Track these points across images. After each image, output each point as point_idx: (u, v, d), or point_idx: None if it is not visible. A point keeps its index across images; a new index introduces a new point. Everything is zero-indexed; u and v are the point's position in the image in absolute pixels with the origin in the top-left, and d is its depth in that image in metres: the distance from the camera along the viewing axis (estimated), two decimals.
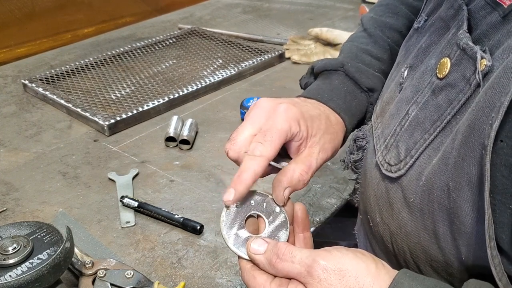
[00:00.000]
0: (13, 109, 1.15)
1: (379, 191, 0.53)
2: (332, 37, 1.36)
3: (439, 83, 0.46)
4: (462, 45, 0.44)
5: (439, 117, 0.45)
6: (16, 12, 1.49)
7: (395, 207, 0.50)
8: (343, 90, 0.62)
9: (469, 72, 0.43)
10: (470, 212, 0.40)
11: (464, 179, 0.40)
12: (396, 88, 0.56)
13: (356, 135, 0.62)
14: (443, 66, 0.46)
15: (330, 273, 0.41)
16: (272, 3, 1.86)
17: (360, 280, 0.41)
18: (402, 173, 0.48)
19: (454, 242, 0.43)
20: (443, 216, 0.43)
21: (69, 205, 0.83)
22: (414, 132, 0.48)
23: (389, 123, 0.54)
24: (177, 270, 0.69)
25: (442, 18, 0.52)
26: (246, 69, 1.27)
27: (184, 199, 0.84)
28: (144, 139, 1.02)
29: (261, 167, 0.47)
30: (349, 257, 0.42)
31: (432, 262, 0.47)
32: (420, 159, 0.47)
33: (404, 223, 0.49)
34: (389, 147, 0.52)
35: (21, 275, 0.53)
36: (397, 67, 0.60)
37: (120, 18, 1.73)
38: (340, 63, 0.64)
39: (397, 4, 0.72)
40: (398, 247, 0.51)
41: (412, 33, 0.59)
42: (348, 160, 0.63)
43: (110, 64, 1.32)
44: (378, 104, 0.60)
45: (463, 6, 0.47)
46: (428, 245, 0.46)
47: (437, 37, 0.51)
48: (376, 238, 0.56)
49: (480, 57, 0.41)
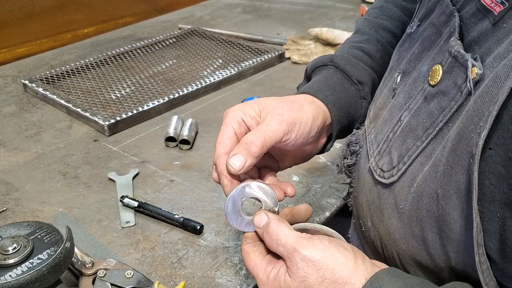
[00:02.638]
0: (13, 109, 1.15)
1: (371, 197, 0.53)
2: (332, 37, 1.36)
3: (431, 90, 0.46)
4: (454, 53, 0.43)
5: (431, 124, 0.45)
6: (16, 12, 1.49)
7: (385, 213, 0.50)
8: (333, 81, 0.61)
9: (460, 80, 0.43)
10: (458, 220, 0.40)
11: (453, 187, 0.40)
12: (389, 93, 0.55)
13: (349, 140, 0.61)
14: (435, 73, 0.46)
15: (308, 263, 0.44)
16: (272, 3, 1.86)
17: (336, 273, 0.43)
18: (395, 179, 0.48)
19: (443, 249, 0.43)
20: (432, 223, 0.43)
21: (69, 205, 0.83)
22: (406, 139, 0.48)
23: (382, 129, 0.53)
24: (177, 270, 0.69)
25: (434, 24, 0.51)
26: (246, 69, 1.27)
27: (184, 199, 0.84)
28: (144, 139, 1.02)
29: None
30: (330, 250, 0.45)
31: (422, 268, 0.47)
32: (413, 166, 0.46)
33: (393, 230, 0.49)
34: (382, 153, 0.52)
35: (21, 275, 0.53)
36: (390, 72, 0.59)
37: (120, 18, 1.73)
38: (329, 58, 0.64)
39: (392, 7, 0.72)
40: (388, 252, 0.51)
41: (405, 38, 0.59)
42: (341, 164, 0.63)
43: (110, 64, 1.32)
44: (372, 109, 0.60)
45: (455, 12, 0.47)
46: (417, 252, 0.46)
47: (429, 44, 0.51)
48: (368, 243, 0.56)
49: (471, 65, 0.41)
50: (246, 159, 0.50)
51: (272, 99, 0.56)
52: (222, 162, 0.52)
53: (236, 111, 0.54)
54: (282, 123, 0.52)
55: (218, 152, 0.53)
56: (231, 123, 0.54)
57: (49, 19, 1.56)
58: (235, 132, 0.53)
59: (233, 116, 0.54)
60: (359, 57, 0.65)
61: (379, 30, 0.69)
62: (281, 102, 0.55)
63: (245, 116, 0.54)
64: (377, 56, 0.66)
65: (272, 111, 0.54)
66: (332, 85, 0.61)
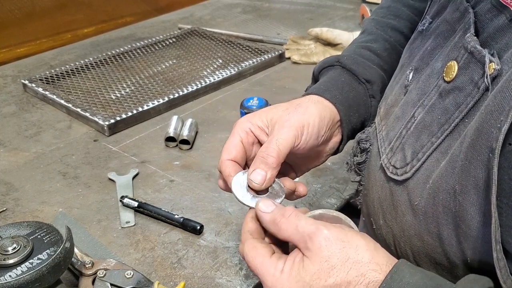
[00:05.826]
0: (13, 109, 1.15)
1: (383, 194, 0.53)
2: (332, 37, 1.36)
3: (446, 86, 0.46)
4: (470, 49, 0.44)
5: (447, 121, 0.45)
6: (16, 12, 1.49)
7: (399, 210, 0.50)
8: (340, 81, 0.61)
9: (477, 75, 0.43)
10: (476, 215, 0.40)
11: (471, 182, 0.40)
12: (401, 90, 0.55)
13: (359, 138, 0.61)
14: (450, 69, 0.46)
15: (332, 241, 0.42)
16: (272, 3, 1.86)
17: (359, 253, 0.42)
18: (409, 176, 0.48)
19: (459, 245, 0.43)
20: (448, 219, 0.43)
21: (69, 205, 0.83)
22: (420, 135, 0.48)
23: (394, 126, 0.53)
24: (177, 270, 0.69)
25: (447, 21, 0.51)
26: (246, 69, 1.27)
27: (184, 199, 0.83)
28: (144, 139, 1.02)
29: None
30: (351, 233, 0.44)
31: (436, 265, 0.47)
32: (428, 162, 0.46)
33: (407, 226, 0.49)
34: (394, 150, 0.52)
35: (21, 275, 0.53)
36: (401, 70, 0.59)
37: (120, 18, 1.73)
38: (336, 58, 0.64)
39: (399, 6, 0.71)
40: (401, 250, 0.51)
41: (416, 36, 0.59)
42: (351, 162, 0.62)
43: (110, 64, 1.32)
44: (382, 106, 0.60)
45: (469, 9, 0.47)
46: (432, 248, 0.46)
47: (443, 40, 0.51)
48: (379, 240, 0.56)
49: (488, 60, 0.41)
50: (266, 172, 0.50)
51: (278, 107, 0.57)
52: (226, 166, 0.52)
53: (245, 122, 0.55)
54: (291, 129, 0.53)
55: (222, 158, 0.53)
56: (238, 132, 0.54)
57: (49, 19, 1.56)
58: (242, 141, 0.54)
59: (241, 126, 0.55)
60: (366, 56, 0.65)
61: (387, 29, 0.69)
62: (286, 109, 0.56)
63: (253, 126, 0.55)
64: (384, 54, 0.66)
65: (280, 119, 0.54)
66: (340, 85, 0.61)
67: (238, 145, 0.54)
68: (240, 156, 0.54)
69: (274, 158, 0.51)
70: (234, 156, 0.53)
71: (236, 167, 0.53)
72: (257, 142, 0.56)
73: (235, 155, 0.53)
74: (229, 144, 0.54)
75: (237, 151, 0.53)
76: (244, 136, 0.54)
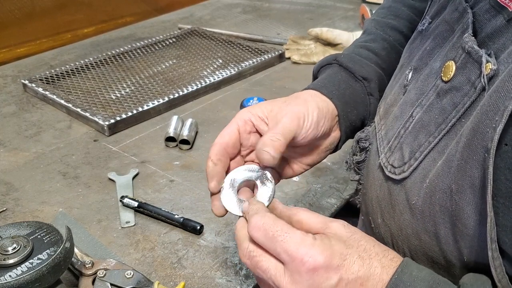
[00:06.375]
0: (13, 109, 1.15)
1: (382, 193, 0.53)
2: (332, 37, 1.36)
3: (444, 86, 0.46)
4: (467, 49, 0.44)
5: (444, 120, 0.45)
6: (16, 12, 1.49)
7: (397, 209, 0.50)
8: (337, 78, 0.62)
9: (474, 75, 0.43)
10: (472, 215, 0.40)
11: (467, 182, 0.40)
12: (400, 90, 0.56)
13: (359, 137, 0.61)
14: (448, 69, 0.46)
15: (347, 228, 0.44)
16: (272, 3, 1.86)
17: (372, 244, 0.44)
18: (406, 175, 0.48)
19: (455, 244, 0.43)
20: (445, 218, 0.43)
21: (69, 205, 0.83)
22: (418, 135, 0.48)
23: (392, 125, 0.54)
24: (177, 270, 0.69)
25: (446, 21, 0.52)
26: (246, 69, 1.27)
27: (184, 199, 0.83)
28: (144, 139, 1.02)
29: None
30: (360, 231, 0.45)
31: (433, 264, 0.47)
32: (425, 161, 0.47)
33: (405, 225, 0.49)
34: (392, 149, 0.52)
35: (21, 275, 0.53)
36: (401, 69, 0.59)
37: (120, 18, 1.73)
38: (333, 57, 0.65)
39: (399, 6, 0.72)
40: (399, 248, 0.51)
41: (416, 36, 0.59)
42: (350, 161, 0.63)
43: (110, 64, 1.32)
44: (382, 105, 0.60)
45: (468, 9, 0.47)
46: (429, 247, 0.46)
47: (442, 40, 0.51)
48: (377, 239, 0.56)
49: (485, 60, 0.41)
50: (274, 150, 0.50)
51: (277, 101, 0.58)
52: (214, 149, 0.54)
53: (245, 112, 0.56)
54: (292, 117, 0.54)
55: (215, 141, 0.54)
56: (236, 121, 0.55)
57: (49, 19, 1.56)
58: (238, 129, 0.55)
59: (240, 115, 0.56)
60: (363, 55, 0.65)
61: (386, 29, 0.69)
62: (285, 101, 0.57)
63: (253, 116, 0.56)
64: (383, 53, 0.67)
65: (280, 110, 0.55)
66: (337, 82, 0.61)
67: (232, 132, 0.54)
68: (232, 142, 0.55)
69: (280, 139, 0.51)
70: (227, 141, 0.54)
71: (224, 153, 0.54)
72: (255, 132, 0.56)
73: (227, 140, 0.54)
74: (225, 130, 0.55)
75: (230, 137, 0.54)
76: (241, 124, 0.55)
